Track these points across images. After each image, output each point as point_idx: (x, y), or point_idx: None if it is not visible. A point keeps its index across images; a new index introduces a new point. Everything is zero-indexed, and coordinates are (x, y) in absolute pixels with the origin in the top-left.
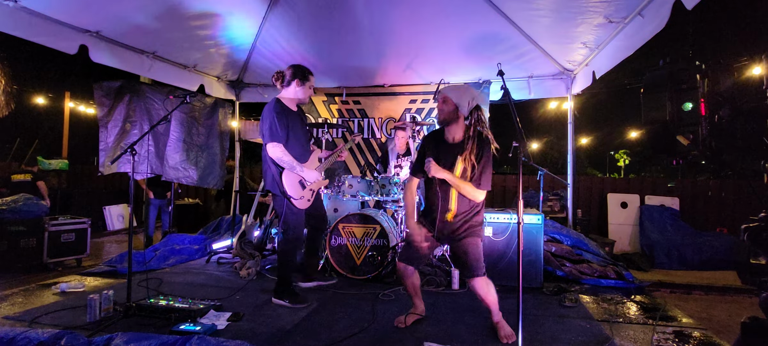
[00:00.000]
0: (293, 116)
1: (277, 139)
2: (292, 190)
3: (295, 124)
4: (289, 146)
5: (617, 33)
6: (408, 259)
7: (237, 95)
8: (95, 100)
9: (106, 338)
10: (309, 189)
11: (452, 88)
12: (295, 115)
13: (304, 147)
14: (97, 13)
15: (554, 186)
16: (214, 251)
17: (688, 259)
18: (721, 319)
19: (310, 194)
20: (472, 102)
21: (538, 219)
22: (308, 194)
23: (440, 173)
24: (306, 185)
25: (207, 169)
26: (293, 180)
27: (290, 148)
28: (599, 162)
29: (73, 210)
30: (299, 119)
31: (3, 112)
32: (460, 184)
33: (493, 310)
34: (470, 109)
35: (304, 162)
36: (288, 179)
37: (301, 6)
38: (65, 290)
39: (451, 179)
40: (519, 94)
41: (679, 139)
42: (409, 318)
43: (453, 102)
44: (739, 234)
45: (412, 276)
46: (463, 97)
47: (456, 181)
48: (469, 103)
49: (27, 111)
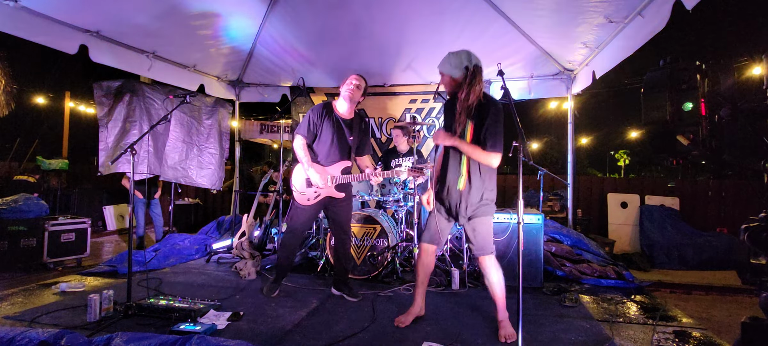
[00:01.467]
0: (331, 119)
1: (298, 131)
2: (298, 183)
3: (328, 127)
4: (316, 145)
5: (617, 33)
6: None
7: (237, 95)
8: (95, 100)
9: (106, 337)
10: (313, 190)
11: (442, 61)
12: (334, 118)
13: (332, 152)
14: (97, 12)
15: (554, 186)
16: (214, 251)
17: (688, 259)
18: (721, 319)
19: (313, 195)
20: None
21: (538, 219)
22: (311, 193)
23: (447, 140)
24: (312, 184)
25: (207, 169)
26: (301, 176)
27: (317, 147)
28: (599, 162)
29: (73, 210)
30: (338, 124)
31: (3, 111)
32: (468, 148)
33: (499, 305)
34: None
35: (325, 165)
36: (297, 172)
37: (301, 6)
38: (65, 290)
39: (458, 143)
40: (519, 94)
41: (679, 139)
42: (408, 317)
43: (443, 73)
44: (739, 234)
45: (430, 255)
46: (450, 63)
47: (464, 146)
48: (459, 65)
49: (27, 111)
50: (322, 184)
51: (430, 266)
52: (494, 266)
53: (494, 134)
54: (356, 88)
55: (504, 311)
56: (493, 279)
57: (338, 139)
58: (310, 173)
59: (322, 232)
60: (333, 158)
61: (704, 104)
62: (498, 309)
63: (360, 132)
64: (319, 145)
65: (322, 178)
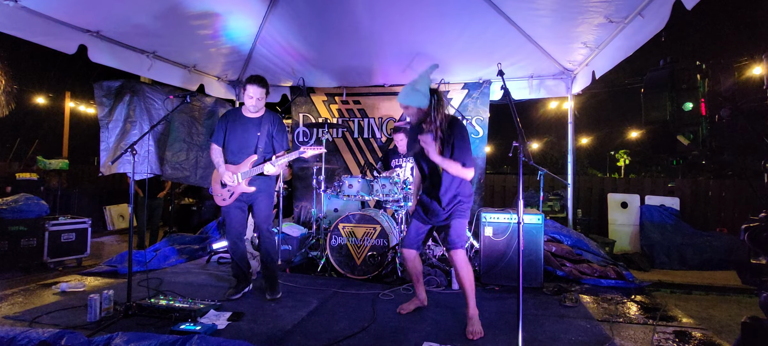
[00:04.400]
0: (238, 120)
1: (212, 140)
2: (214, 186)
3: (235, 128)
4: (226, 147)
5: (617, 33)
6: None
7: (237, 95)
8: (95, 100)
9: (106, 337)
10: (227, 189)
11: (401, 96)
12: (241, 119)
13: (240, 150)
14: (97, 12)
15: (554, 186)
16: (214, 251)
17: (688, 259)
18: (721, 319)
19: (228, 194)
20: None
21: (538, 219)
22: (226, 193)
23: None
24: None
25: (207, 169)
26: (216, 178)
27: (226, 149)
28: (599, 162)
29: (73, 210)
30: (245, 123)
31: (3, 111)
32: (448, 164)
33: (469, 301)
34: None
35: (236, 163)
36: (214, 176)
37: (302, 6)
38: (65, 290)
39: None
40: (519, 94)
41: (679, 139)
42: (410, 305)
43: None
44: (739, 234)
45: (413, 260)
46: (416, 96)
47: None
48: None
49: (27, 111)
50: (230, 181)
51: (417, 268)
52: (464, 259)
53: (465, 153)
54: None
55: (474, 308)
56: (462, 272)
57: (243, 137)
58: (221, 172)
59: (322, 232)
60: (245, 155)
61: (704, 104)
62: (468, 304)
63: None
64: (228, 145)
65: (230, 175)
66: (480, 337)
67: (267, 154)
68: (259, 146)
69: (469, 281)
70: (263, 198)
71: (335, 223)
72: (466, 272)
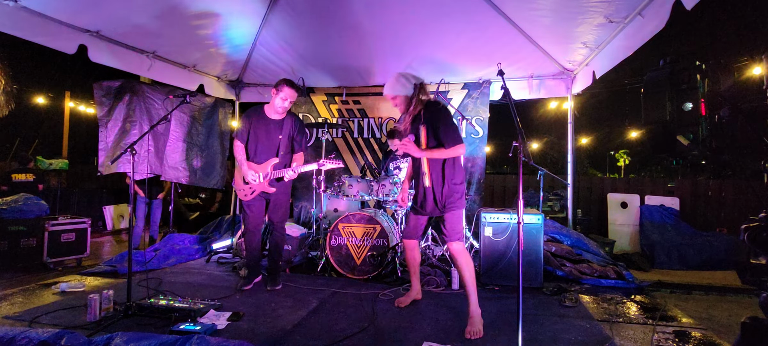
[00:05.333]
0: (262, 121)
1: (236, 136)
2: (237, 182)
3: (259, 128)
4: (248, 145)
5: (617, 33)
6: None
7: (237, 95)
8: (95, 100)
9: (106, 337)
10: (249, 186)
11: (387, 87)
12: (265, 120)
13: (263, 151)
14: (97, 12)
15: (554, 186)
16: (214, 251)
17: (688, 259)
18: (721, 319)
19: (249, 191)
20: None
21: (538, 219)
22: (247, 189)
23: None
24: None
25: (207, 169)
26: (239, 174)
27: (249, 147)
28: (599, 162)
29: (72, 210)
30: (268, 125)
31: (3, 111)
32: (436, 154)
33: (470, 296)
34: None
35: (258, 163)
36: (237, 172)
37: (302, 6)
38: (65, 290)
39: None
40: (519, 94)
41: (679, 139)
42: (406, 298)
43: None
44: (739, 234)
45: (413, 250)
46: (396, 86)
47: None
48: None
49: (27, 111)
50: (254, 179)
51: (416, 259)
52: (462, 250)
53: (451, 132)
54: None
55: (476, 306)
56: (461, 263)
57: (266, 137)
58: (244, 170)
59: (321, 232)
60: (268, 156)
61: (704, 104)
62: (470, 302)
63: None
64: (251, 144)
65: (254, 173)
66: (478, 337)
67: (287, 156)
68: (281, 150)
69: (470, 273)
70: (282, 198)
71: (335, 223)
72: (465, 263)
